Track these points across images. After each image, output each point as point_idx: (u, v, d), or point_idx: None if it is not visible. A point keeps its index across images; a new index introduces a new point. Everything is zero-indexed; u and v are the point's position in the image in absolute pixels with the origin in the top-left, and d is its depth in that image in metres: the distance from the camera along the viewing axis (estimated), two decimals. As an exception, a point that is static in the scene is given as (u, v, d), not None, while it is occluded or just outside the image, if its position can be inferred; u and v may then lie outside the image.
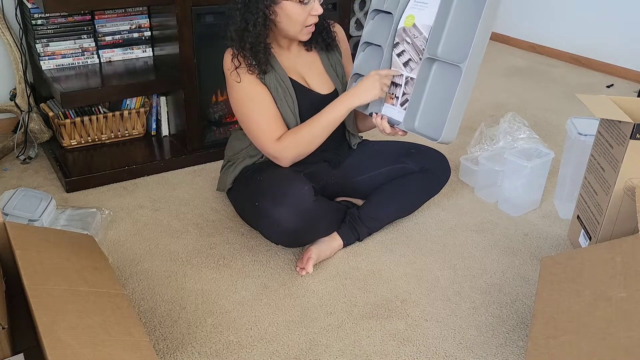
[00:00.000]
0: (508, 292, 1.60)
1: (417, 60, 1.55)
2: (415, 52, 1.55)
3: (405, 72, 1.57)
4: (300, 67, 1.72)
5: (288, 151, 1.64)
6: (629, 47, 3.45)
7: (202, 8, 2.06)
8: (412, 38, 1.55)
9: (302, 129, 1.63)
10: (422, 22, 1.54)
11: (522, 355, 1.38)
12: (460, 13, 1.50)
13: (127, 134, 2.37)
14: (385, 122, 1.61)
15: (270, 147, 1.64)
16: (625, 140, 1.51)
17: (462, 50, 1.46)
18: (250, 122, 1.65)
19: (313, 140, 1.64)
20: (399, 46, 1.59)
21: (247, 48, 1.58)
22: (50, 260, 1.24)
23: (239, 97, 1.65)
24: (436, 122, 1.53)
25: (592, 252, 1.35)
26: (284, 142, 1.63)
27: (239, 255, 1.72)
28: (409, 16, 1.57)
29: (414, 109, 1.58)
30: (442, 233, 1.86)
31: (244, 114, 1.66)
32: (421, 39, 1.54)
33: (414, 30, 1.55)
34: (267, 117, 1.63)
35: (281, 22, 1.58)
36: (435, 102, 1.55)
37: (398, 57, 1.60)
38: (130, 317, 1.19)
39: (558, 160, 2.15)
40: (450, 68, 1.49)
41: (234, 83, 1.64)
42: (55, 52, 2.20)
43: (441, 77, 1.54)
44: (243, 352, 1.37)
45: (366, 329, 1.46)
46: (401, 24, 1.58)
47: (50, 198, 1.77)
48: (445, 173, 1.85)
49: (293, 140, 1.63)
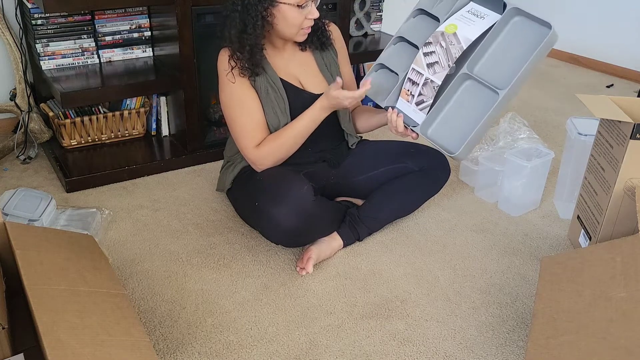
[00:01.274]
0: (508, 292, 1.60)
1: (444, 66, 1.55)
2: (446, 57, 1.55)
3: (426, 73, 1.57)
4: (294, 68, 1.72)
5: (266, 159, 1.67)
6: (629, 47, 3.45)
7: (202, 8, 2.06)
8: (447, 44, 1.55)
9: (281, 137, 1.65)
10: (463, 34, 1.54)
11: (522, 355, 1.38)
12: (510, 42, 1.52)
13: (127, 134, 2.37)
14: (400, 121, 1.61)
15: (249, 152, 1.67)
16: (625, 140, 1.51)
17: (504, 77, 1.48)
18: (235, 125, 1.67)
19: (291, 147, 1.67)
20: (430, 46, 1.59)
21: (246, 50, 1.59)
22: (50, 260, 1.24)
23: (229, 99, 1.66)
24: (455, 137, 1.54)
25: (592, 252, 1.35)
26: (262, 149, 1.65)
27: (239, 255, 1.72)
28: (451, 24, 1.57)
29: (433, 116, 1.58)
30: (442, 233, 1.86)
31: (231, 116, 1.68)
32: (457, 48, 1.54)
33: (452, 38, 1.55)
34: (252, 123, 1.65)
35: (278, 24, 1.59)
36: (458, 117, 1.56)
37: (424, 56, 1.59)
38: (130, 317, 1.19)
39: (558, 160, 2.15)
40: (485, 90, 1.51)
41: (226, 84, 1.65)
42: (55, 52, 2.20)
43: (471, 95, 1.55)
44: (243, 352, 1.37)
45: (366, 329, 1.46)
46: (441, 28, 1.59)
47: (50, 198, 1.77)
48: (445, 173, 1.85)
49: (272, 148, 1.65)
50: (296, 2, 1.55)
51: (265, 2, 1.54)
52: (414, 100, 1.60)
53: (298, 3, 1.55)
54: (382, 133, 2.54)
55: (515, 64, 1.47)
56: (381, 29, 2.93)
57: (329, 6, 2.38)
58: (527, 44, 1.47)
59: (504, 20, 1.52)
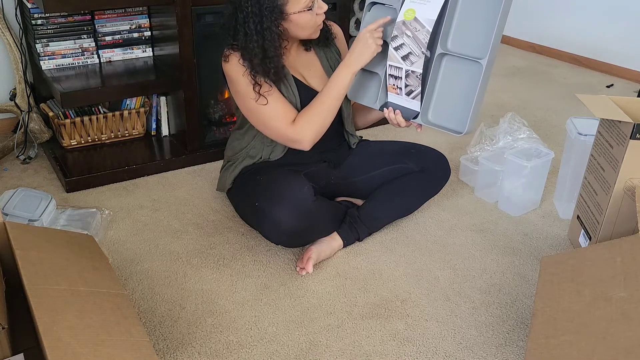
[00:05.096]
0: (508, 292, 1.60)
1: (418, 53, 1.54)
2: (416, 45, 1.54)
3: (404, 65, 1.57)
4: (300, 67, 1.72)
5: (305, 131, 1.62)
6: (629, 47, 3.45)
7: (202, 8, 2.05)
8: (412, 31, 1.54)
9: (313, 106, 1.62)
10: (424, 17, 1.53)
11: (522, 355, 1.38)
12: (470, 8, 1.51)
13: (127, 134, 2.37)
14: (399, 117, 1.61)
15: (288, 131, 1.62)
16: (625, 140, 1.51)
17: (479, 44, 1.48)
18: (263, 113, 1.62)
19: (327, 115, 1.63)
20: (397, 39, 1.57)
21: (272, 73, 1.57)
22: (50, 260, 1.24)
23: (247, 91, 1.60)
24: (457, 116, 1.55)
25: (592, 252, 1.35)
26: (299, 123, 1.62)
27: (239, 255, 1.72)
28: (408, 10, 1.56)
29: (427, 102, 1.59)
30: (442, 233, 1.86)
31: (253, 107, 1.62)
32: (424, 32, 1.53)
33: (415, 24, 1.54)
34: (279, 104, 1.61)
35: (294, 32, 1.59)
36: (451, 96, 1.57)
37: (396, 50, 1.58)
38: (130, 317, 1.19)
39: (558, 160, 2.15)
40: (465, 63, 1.51)
41: (240, 78, 1.60)
42: (55, 52, 2.20)
43: (455, 71, 1.55)
44: (243, 352, 1.37)
45: (366, 329, 1.46)
46: (400, 17, 1.57)
47: (50, 198, 1.77)
48: (445, 173, 1.85)
49: (307, 119, 1.61)
50: (305, 7, 1.54)
51: (276, 20, 1.53)
52: (403, 91, 1.61)
53: (306, 7, 1.55)
54: (382, 133, 2.54)
55: (486, 27, 1.47)
56: (381, 29, 2.93)
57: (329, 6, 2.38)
58: (488, 6, 1.47)
59: None
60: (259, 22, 1.52)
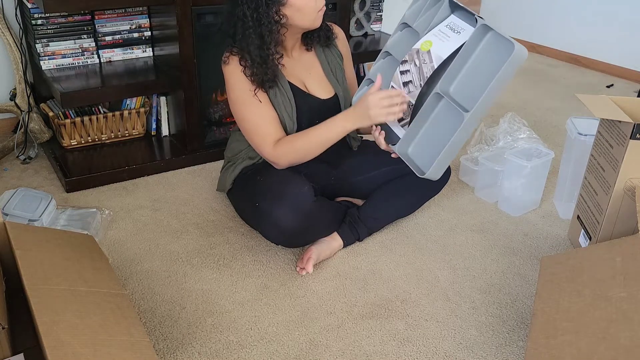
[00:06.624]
0: (508, 292, 1.60)
1: (417, 85, 1.53)
2: (418, 76, 1.53)
3: (402, 91, 1.56)
4: (300, 71, 1.72)
5: (282, 159, 1.64)
6: (629, 47, 3.45)
7: (202, 8, 2.06)
8: (420, 62, 1.53)
9: (299, 140, 1.62)
10: (437, 52, 1.51)
11: (522, 355, 1.38)
12: (483, 61, 1.45)
13: (127, 134, 2.37)
14: (381, 139, 1.60)
15: (267, 151, 1.64)
16: (625, 140, 1.51)
17: (471, 99, 1.42)
18: (249, 124, 1.65)
19: (308, 153, 1.64)
20: (406, 64, 1.57)
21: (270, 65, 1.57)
22: (50, 260, 1.24)
23: (240, 98, 1.64)
24: (427, 156, 1.52)
25: (592, 252, 1.36)
26: (279, 149, 1.63)
27: (239, 255, 1.72)
28: (427, 41, 1.54)
29: (411, 135, 1.56)
30: (442, 233, 1.86)
31: (243, 116, 1.66)
32: (429, 67, 1.51)
33: (426, 56, 1.52)
34: (266, 120, 1.63)
35: (294, 19, 1.57)
36: (433, 136, 1.53)
37: (401, 74, 1.58)
38: (130, 317, 1.19)
39: (558, 160, 2.15)
40: (455, 111, 1.46)
41: (236, 83, 1.64)
42: (55, 52, 2.20)
43: (445, 115, 1.50)
44: (243, 352, 1.37)
45: (366, 329, 1.46)
46: (417, 45, 1.55)
47: (50, 198, 1.77)
48: (445, 173, 1.85)
49: (289, 149, 1.63)
50: None
51: (274, 5, 1.53)
52: None
53: None
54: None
55: (484, 84, 1.40)
56: (381, 29, 2.93)
57: (329, 6, 2.38)
58: (496, 62, 1.40)
59: (476, 36, 1.45)
60: (255, 8, 1.52)
